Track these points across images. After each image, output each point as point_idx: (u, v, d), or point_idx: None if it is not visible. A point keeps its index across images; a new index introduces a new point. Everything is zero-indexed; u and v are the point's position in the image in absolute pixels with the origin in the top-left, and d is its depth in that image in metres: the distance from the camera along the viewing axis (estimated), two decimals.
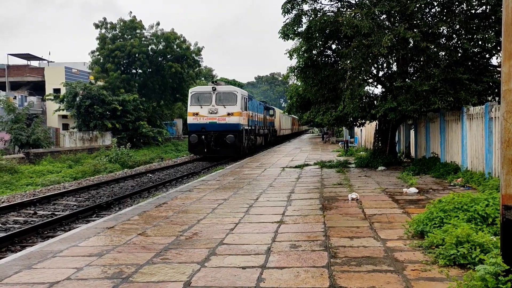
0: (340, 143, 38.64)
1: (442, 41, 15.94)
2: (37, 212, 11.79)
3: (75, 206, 12.66)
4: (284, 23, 16.22)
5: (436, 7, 15.84)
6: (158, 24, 54.19)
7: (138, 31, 50.36)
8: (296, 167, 18.61)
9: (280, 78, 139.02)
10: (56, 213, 11.60)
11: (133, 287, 4.66)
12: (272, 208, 9.18)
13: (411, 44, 15.57)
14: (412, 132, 21.15)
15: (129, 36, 49.41)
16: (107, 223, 8.11)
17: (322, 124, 21.35)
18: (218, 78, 73.47)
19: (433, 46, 15.02)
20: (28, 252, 6.29)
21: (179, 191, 12.17)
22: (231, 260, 5.52)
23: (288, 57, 16.74)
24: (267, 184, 13.20)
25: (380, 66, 18.19)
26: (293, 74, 17.63)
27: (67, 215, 10.78)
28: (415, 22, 15.43)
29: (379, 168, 16.80)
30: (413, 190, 10.72)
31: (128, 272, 5.17)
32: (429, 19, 15.71)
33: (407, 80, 15.72)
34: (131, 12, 69.52)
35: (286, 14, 16.37)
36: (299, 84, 20.03)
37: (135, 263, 5.52)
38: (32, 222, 10.46)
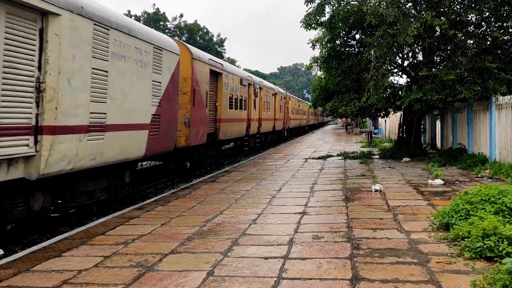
0: (364, 134, 38.24)
1: (470, 29, 15.51)
2: None
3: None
4: (307, 12, 16.06)
5: None
6: (181, 16, 54.96)
7: (161, 23, 50.89)
8: (319, 158, 18.52)
9: (303, 69, 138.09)
10: None
11: (157, 276, 4.76)
12: (294, 199, 9.19)
13: (438, 33, 15.21)
14: (438, 123, 20.75)
15: (153, 29, 50.20)
16: (132, 213, 8.28)
17: (345, 115, 21.12)
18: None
19: (461, 34, 14.63)
20: (57, 239, 6.48)
21: (202, 182, 12.29)
22: (253, 251, 5.56)
23: (311, 47, 16.61)
24: (289, 175, 13.20)
25: (405, 56, 17.86)
26: (316, 64, 17.48)
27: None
28: (442, 9, 15.04)
29: (404, 159, 16.56)
30: (438, 181, 10.54)
31: (153, 261, 5.27)
32: (457, 6, 15.29)
33: (433, 69, 15.39)
34: (154, 4, 70.05)
35: (309, 3, 16.19)
36: (322, 76, 19.86)
37: (159, 252, 5.62)
38: None
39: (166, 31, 50.64)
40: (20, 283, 4.67)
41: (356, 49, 17.69)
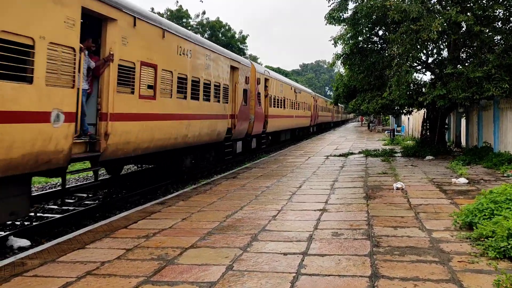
0: (386, 132, 37.75)
1: (497, 24, 15.12)
2: None
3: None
4: (330, 8, 15.94)
5: None
6: (204, 13, 55.09)
7: (184, 20, 51.23)
8: (340, 155, 18.41)
9: (325, 66, 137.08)
10: None
11: (177, 269, 4.83)
12: (315, 196, 9.16)
13: (463, 29, 14.87)
14: (463, 121, 20.33)
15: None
16: (153, 208, 8.41)
17: (368, 112, 20.93)
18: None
19: (487, 30, 14.27)
20: (81, 232, 6.65)
21: (223, 178, 12.37)
22: (272, 246, 5.58)
23: (333, 44, 16.50)
24: (310, 172, 13.16)
25: (429, 52, 17.55)
26: (338, 61, 17.37)
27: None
28: (468, 5, 14.70)
29: (427, 157, 16.30)
30: (462, 180, 10.34)
31: (174, 254, 5.35)
32: (483, 1, 14.92)
33: (458, 66, 15.07)
34: (177, 1, 70.48)
35: None
36: (344, 73, 19.74)
37: (180, 246, 5.70)
38: None
39: (189, 28, 50.97)
40: (46, 273, 4.81)
41: (379, 46, 17.48)
